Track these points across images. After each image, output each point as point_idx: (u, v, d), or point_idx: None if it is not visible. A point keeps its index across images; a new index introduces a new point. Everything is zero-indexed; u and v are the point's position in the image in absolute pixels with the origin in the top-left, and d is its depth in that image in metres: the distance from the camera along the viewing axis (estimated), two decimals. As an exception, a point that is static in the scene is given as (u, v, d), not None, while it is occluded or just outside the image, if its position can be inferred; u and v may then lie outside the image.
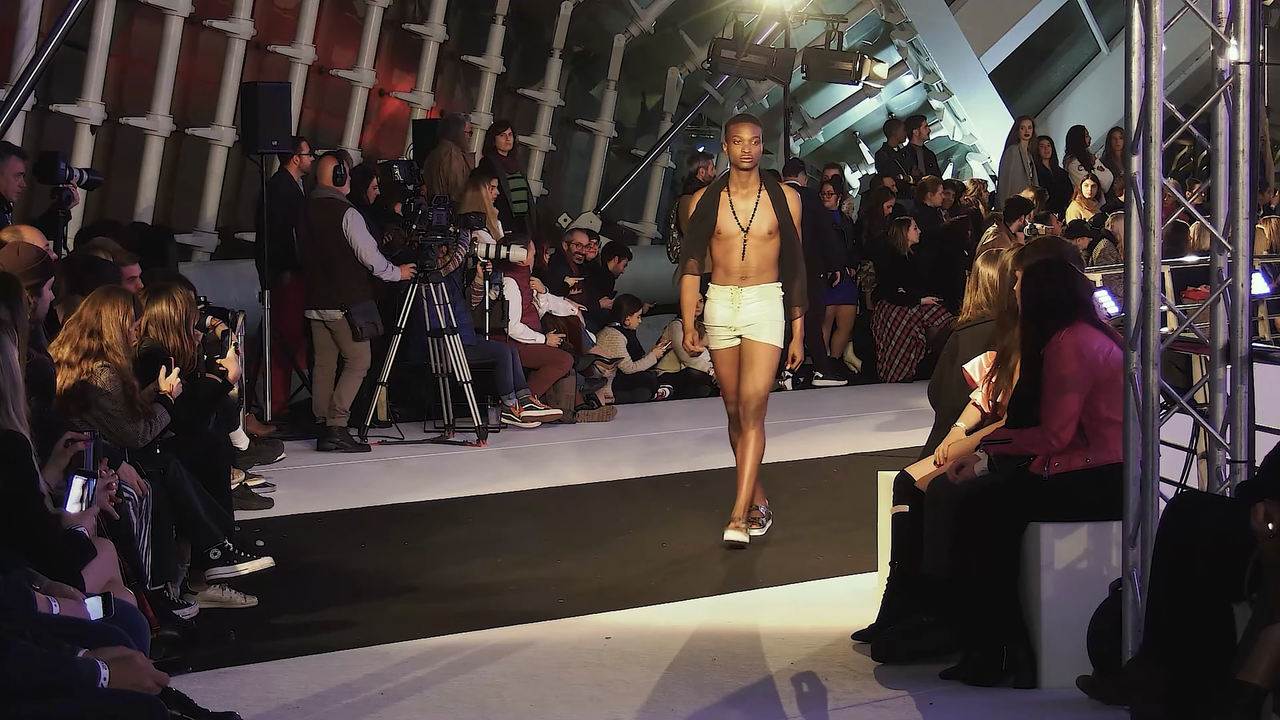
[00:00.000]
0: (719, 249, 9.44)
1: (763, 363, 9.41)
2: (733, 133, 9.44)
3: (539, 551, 9.42)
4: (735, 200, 9.39)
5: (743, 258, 9.38)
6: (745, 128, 9.41)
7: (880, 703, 6.64)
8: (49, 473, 6.20)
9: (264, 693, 6.77)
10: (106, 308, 7.98)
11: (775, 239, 9.39)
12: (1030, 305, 7.00)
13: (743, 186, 9.42)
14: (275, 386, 13.26)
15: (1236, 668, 5.63)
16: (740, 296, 9.40)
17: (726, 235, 9.39)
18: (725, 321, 9.44)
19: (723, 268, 9.46)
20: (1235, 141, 6.35)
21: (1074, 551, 6.78)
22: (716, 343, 9.53)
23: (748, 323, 9.40)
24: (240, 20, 15.87)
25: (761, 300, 9.42)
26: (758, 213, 9.36)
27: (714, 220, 9.39)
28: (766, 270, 9.43)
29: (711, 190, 9.58)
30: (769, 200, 9.40)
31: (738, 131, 9.41)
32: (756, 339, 9.40)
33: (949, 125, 23.31)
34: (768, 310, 9.43)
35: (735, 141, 9.38)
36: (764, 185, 9.47)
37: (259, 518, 9.97)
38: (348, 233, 12.56)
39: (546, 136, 19.98)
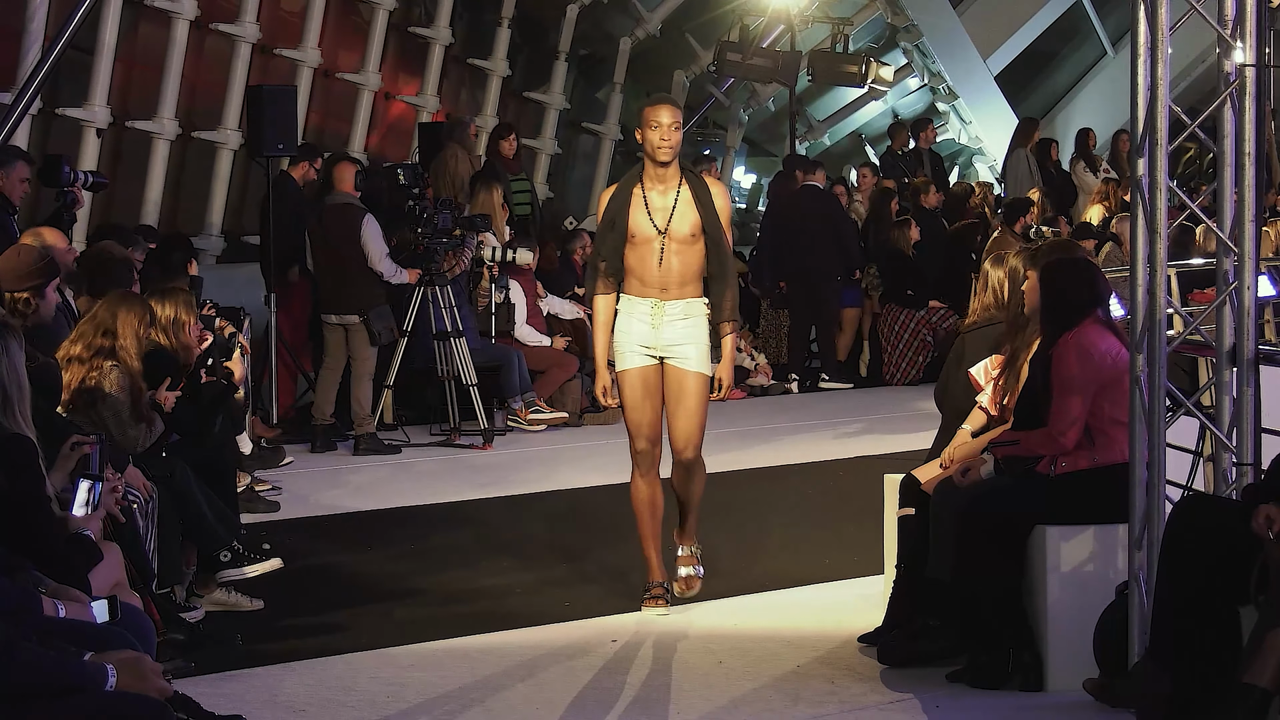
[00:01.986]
0: (633, 256, 8.06)
1: (696, 396, 8.11)
2: (648, 117, 8.03)
3: (545, 555, 9.42)
4: (651, 197, 8.04)
5: (660, 265, 8.03)
6: (663, 110, 8.04)
7: (886, 706, 6.64)
8: (55, 476, 6.21)
9: (270, 696, 6.78)
10: (123, 310, 8.03)
11: (699, 243, 8.03)
12: (1049, 300, 6.99)
13: (659, 181, 8.06)
14: (281, 389, 13.26)
15: (1242, 670, 5.62)
16: (663, 311, 8.06)
17: (642, 239, 8.03)
18: (643, 340, 8.10)
19: (638, 277, 8.09)
20: (1241, 144, 6.34)
21: (1080, 554, 6.78)
22: (627, 360, 8.14)
23: (672, 344, 8.08)
24: (246, 24, 15.87)
25: (688, 318, 8.09)
26: (677, 211, 8.00)
27: (625, 222, 8.04)
28: (691, 281, 8.09)
29: (622, 187, 8.16)
30: (691, 196, 8.03)
31: (654, 115, 8.02)
32: (685, 366, 8.08)
33: (954, 128, 23.32)
34: (695, 330, 8.10)
35: (651, 127, 8.00)
36: (684, 179, 8.08)
37: (265, 521, 9.97)
38: (364, 238, 12.57)
39: (552, 139, 19.99)
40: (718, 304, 8.16)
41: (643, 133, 8.07)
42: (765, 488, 11.14)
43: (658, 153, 8.00)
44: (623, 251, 8.09)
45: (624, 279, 8.14)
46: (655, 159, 8.02)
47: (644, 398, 8.14)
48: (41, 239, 8.89)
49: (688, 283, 8.09)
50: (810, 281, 16.25)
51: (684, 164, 8.18)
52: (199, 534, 8.09)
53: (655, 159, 8.02)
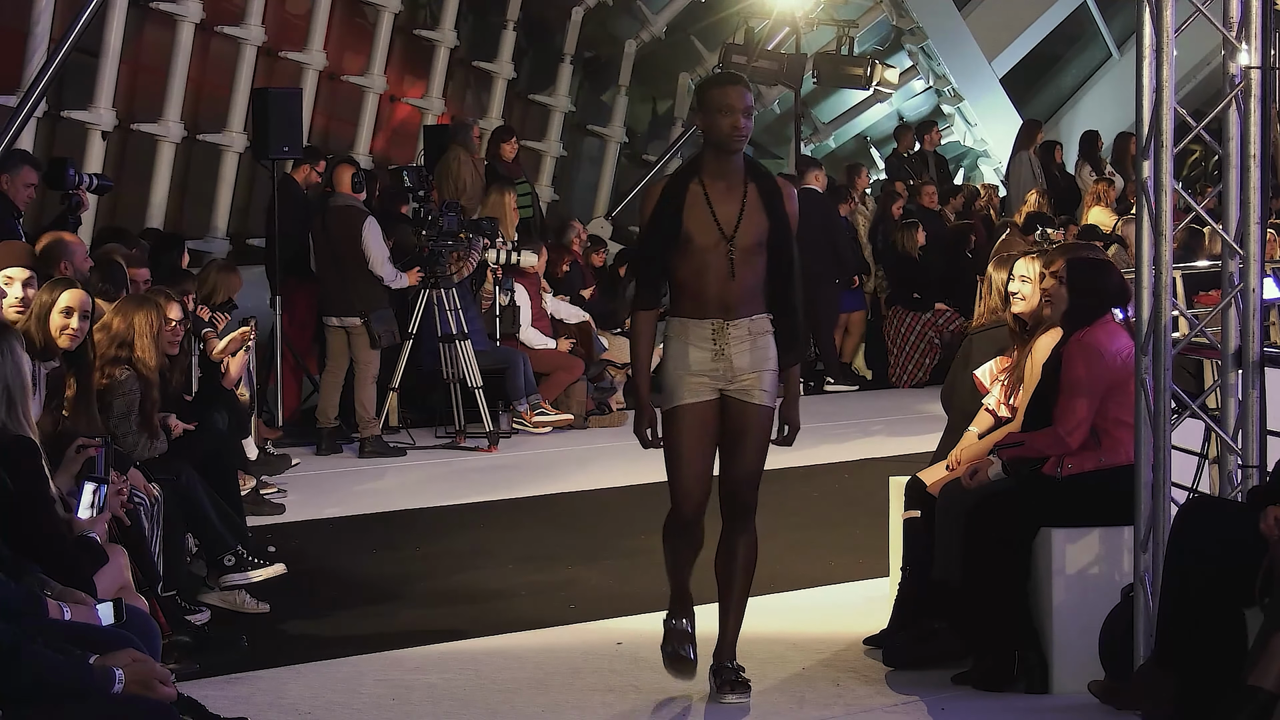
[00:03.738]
0: (689, 267, 6.57)
1: (758, 433, 6.71)
2: (716, 99, 6.53)
3: (550, 557, 9.42)
4: (714, 196, 6.56)
5: (732, 278, 6.55)
6: (735, 91, 6.56)
7: (892, 708, 6.64)
8: (60, 478, 6.21)
9: (275, 698, 6.78)
10: (139, 317, 8.04)
11: (764, 255, 6.61)
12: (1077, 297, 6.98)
13: (723, 177, 6.58)
14: (286, 392, 13.27)
15: (1247, 672, 5.62)
16: (726, 336, 6.58)
17: (702, 246, 6.52)
18: (702, 369, 6.61)
19: (695, 294, 6.60)
20: (1246, 146, 6.35)
21: (1085, 556, 6.78)
22: (680, 394, 6.63)
23: (739, 373, 6.62)
24: (251, 26, 15.88)
25: (755, 340, 6.64)
26: (746, 215, 6.55)
27: (680, 224, 6.55)
28: (755, 298, 6.63)
29: (676, 182, 6.63)
30: (759, 198, 6.59)
31: (724, 97, 6.52)
32: (747, 399, 6.65)
33: (960, 130, 23.30)
34: (764, 355, 6.65)
35: (721, 111, 6.50)
36: (750, 177, 6.64)
37: (270, 523, 9.98)
38: (365, 240, 12.57)
39: (557, 142, 19.99)
40: (786, 331, 6.71)
41: (706, 118, 6.57)
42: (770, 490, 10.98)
43: (729, 141, 6.52)
44: (675, 262, 6.61)
45: (673, 297, 6.71)
46: (726, 148, 6.55)
47: (699, 443, 6.68)
48: (63, 243, 8.91)
49: (753, 299, 6.64)
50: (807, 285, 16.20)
51: (750, 158, 6.79)
52: (204, 537, 8.10)
53: (726, 148, 6.55)
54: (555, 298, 14.80)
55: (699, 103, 6.67)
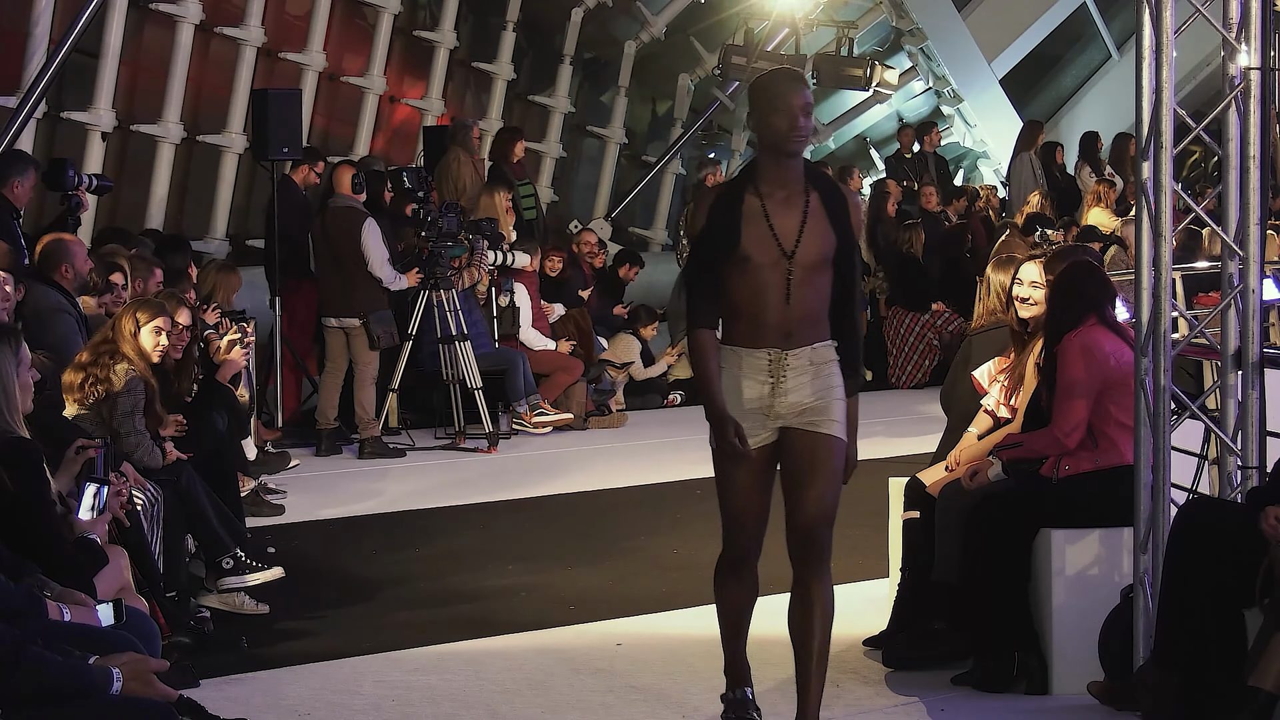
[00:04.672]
0: (745, 287, 5.91)
1: (830, 465, 5.98)
2: (773, 97, 5.88)
3: (550, 558, 9.42)
4: (772, 206, 5.89)
5: (787, 302, 5.89)
6: (794, 88, 5.91)
7: (891, 709, 6.64)
8: (60, 480, 6.22)
9: (274, 699, 6.78)
10: (133, 316, 8.09)
11: (828, 272, 5.92)
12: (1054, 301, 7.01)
13: (782, 185, 5.92)
14: (286, 393, 13.27)
15: (1247, 673, 5.63)
16: (784, 366, 5.95)
17: (759, 264, 5.86)
18: (758, 405, 5.99)
19: (750, 318, 5.95)
20: (1246, 147, 6.35)
21: (1085, 557, 6.78)
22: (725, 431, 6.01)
23: (800, 405, 5.97)
24: (251, 27, 15.87)
25: (817, 369, 5.98)
26: (808, 227, 5.87)
27: (736, 240, 5.87)
28: (818, 322, 5.97)
29: (730, 191, 5.97)
30: (822, 208, 5.91)
31: (782, 94, 5.87)
32: (816, 429, 5.96)
33: (960, 131, 23.30)
34: (829, 384, 5.99)
35: (778, 110, 5.85)
36: (811, 183, 5.97)
37: (270, 524, 9.98)
38: (364, 242, 12.57)
39: (557, 143, 19.99)
40: (848, 356, 6.08)
41: (760, 118, 5.92)
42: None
43: (787, 143, 5.87)
44: (728, 282, 5.94)
45: (726, 322, 6.05)
46: (784, 150, 5.89)
47: (754, 485, 6.08)
48: (64, 245, 8.92)
49: (815, 324, 5.98)
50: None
51: (810, 163, 6.11)
52: (204, 539, 8.10)
53: (784, 150, 5.89)
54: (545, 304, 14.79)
55: (752, 101, 6.01)
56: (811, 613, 6.09)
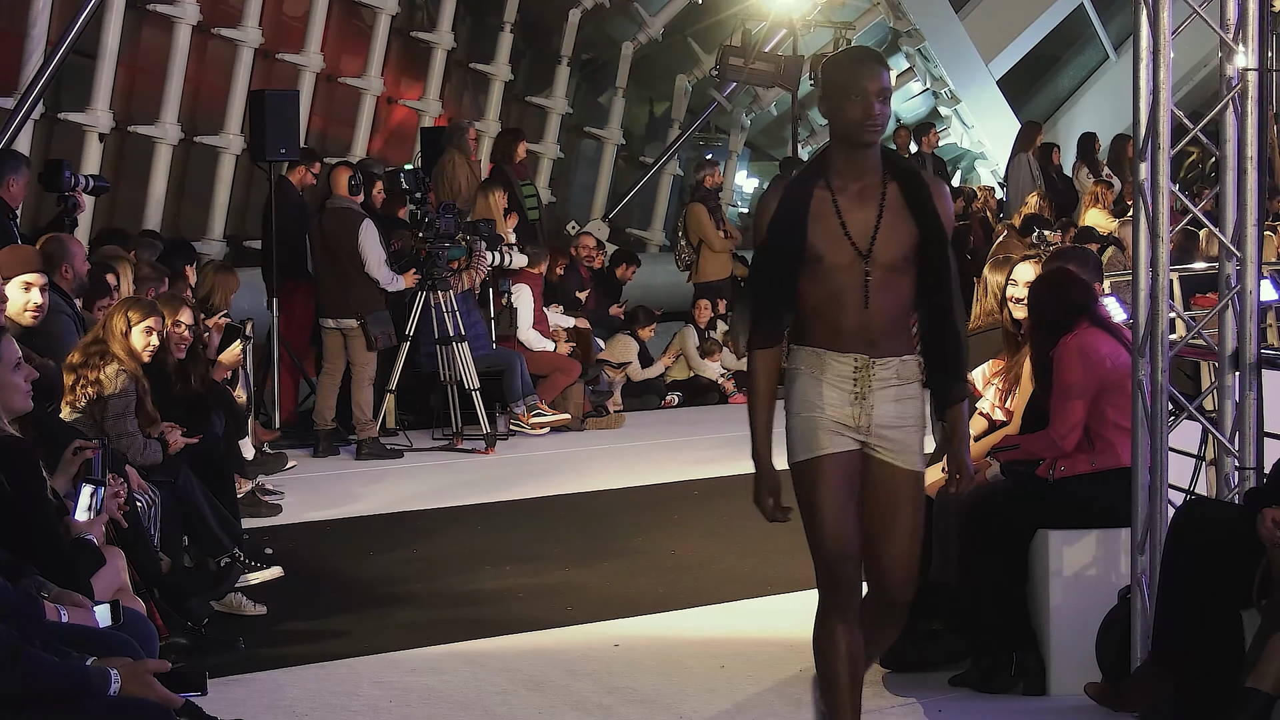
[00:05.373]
0: (818, 290, 5.35)
1: (913, 507, 5.46)
2: (848, 81, 5.31)
3: (547, 559, 9.41)
4: (844, 202, 5.34)
5: (866, 306, 5.32)
6: (871, 71, 5.32)
7: (889, 710, 6.64)
8: (57, 480, 6.22)
9: (272, 700, 6.78)
10: (123, 315, 8.09)
11: (911, 272, 5.36)
12: (1034, 315, 7.03)
13: (855, 177, 5.37)
14: (283, 394, 13.27)
15: (1245, 674, 5.63)
16: (871, 375, 5.35)
17: (833, 265, 5.32)
18: (842, 415, 5.37)
19: (829, 323, 5.37)
20: (1244, 148, 6.35)
21: (1083, 558, 6.78)
22: (819, 442, 5.37)
23: (883, 426, 5.38)
24: (248, 28, 15.89)
25: (901, 391, 5.40)
26: (885, 223, 5.33)
27: (804, 238, 5.32)
28: (903, 330, 5.43)
29: (797, 186, 5.40)
30: (901, 200, 5.37)
31: (857, 78, 5.30)
32: (896, 461, 5.40)
33: (957, 132, 23.33)
34: (912, 408, 5.44)
35: (852, 96, 5.28)
36: (889, 174, 5.40)
37: (267, 525, 9.98)
38: (361, 243, 12.57)
39: (555, 144, 20.00)
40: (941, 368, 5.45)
41: (832, 103, 5.35)
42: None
43: (862, 132, 5.31)
44: (799, 284, 5.38)
45: (800, 323, 5.46)
46: (858, 140, 5.33)
47: (848, 499, 5.39)
48: (64, 245, 8.92)
49: (900, 331, 5.42)
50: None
51: (888, 150, 5.51)
52: (201, 540, 8.10)
53: (858, 140, 5.33)
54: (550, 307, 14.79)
55: (822, 85, 5.44)
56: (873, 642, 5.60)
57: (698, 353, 15.70)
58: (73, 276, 8.97)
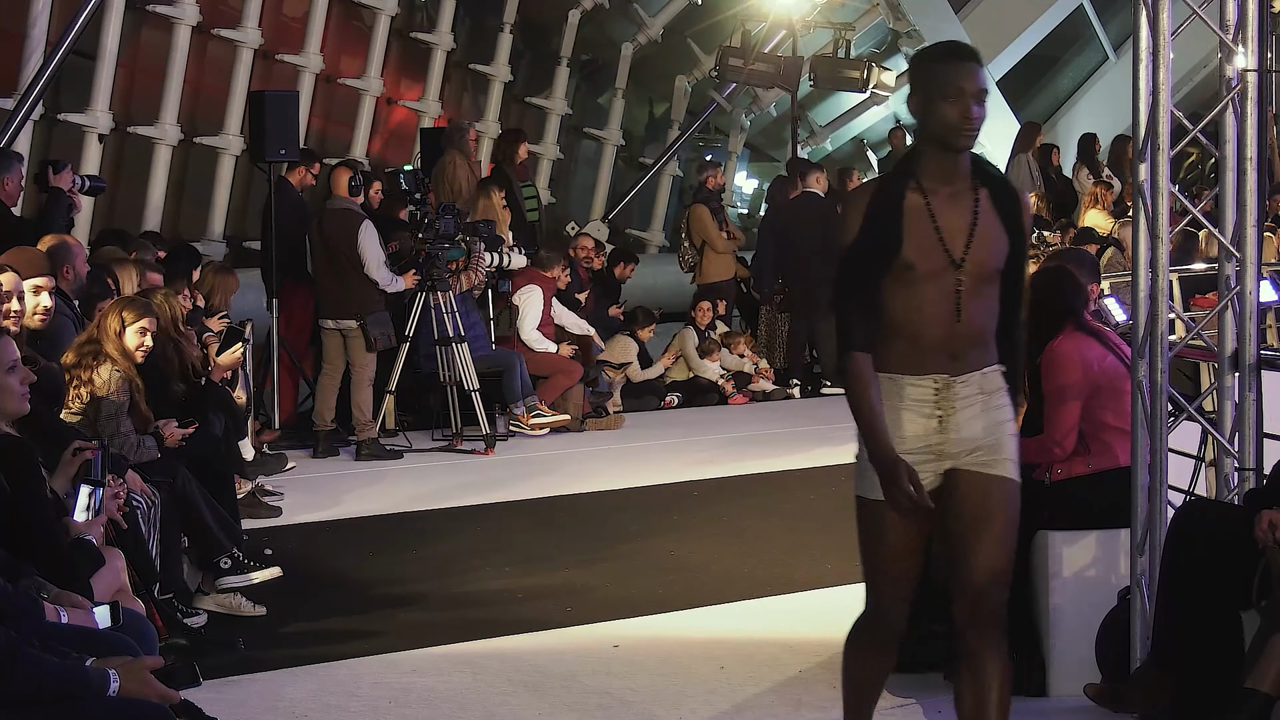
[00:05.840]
0: (903, 302, 5.06)
1: (1007, 514, 5.17)
2: (941, 78, 5.03)
3: (546, 560, 9.41)
4: (937, 206, 5.07)
5: (956, 318, 5.06)
6: (967, 70, 5.03)
7: (889, 710, 6.63)
8: (56, 481, 6.22)
9: (272, 701, 6.78)
10: (118, 315, 8.09)
11: (996, 282, 5.11)
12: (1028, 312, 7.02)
13: (947, 181, 5.10)
14: (283, 395, 13.27)
15: (1244, 675, 5.63)
16: (952, 397, 5.12)
17: (923, 274, 5.03)
18: (922, 443, 5.12)
19: (912, 338, 5.09)
20: (1243, 149, 6.34)
21: (1082, 559, 6.78)
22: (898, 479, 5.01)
23: (972, 443, 5.14)
24: (248, 29, 15.90)
25: (987, 402, 5.17)
26: (979, 232, 5.06)
27: (897, 245, 5.02)
28: (987, 342, 5.16)
29: (887, 189, 5.12)
30: (993, 208, 5.12)
31: (954, 76, 5.02)
32: (989, 470, 5.16)
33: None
34: (1001, 416, 5.18)
35: (949, 96, 5.00)
36: (981, 180, 5.15)
37: (267, 526, 9.98)
38: (360, 244, 12.56)
39: (554, 145, 20.01)
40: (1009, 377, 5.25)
41: (926, 103, 5.06)
42: (767, 493, 11.14)
43: (958, 136, 5.02)
44: (884, 296, 5.08)
45: (880, 345, 5.12)
46: (953, 144, 5.04)
47: (913, 539, 5.24)
48: (66, 246, 8.92)
49: (984, 344, 5.15)
50: (807, 288, 16.28)
51: (976, 155, 5.20)
52: (201, 540, 8.10)
53: (953, 144, 5.04)
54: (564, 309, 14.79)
55: (915, 83, 5.15)
56: (987, 694, 5.23)
57: (697, 353, 15.70)
58: (73, 278, 8.97)
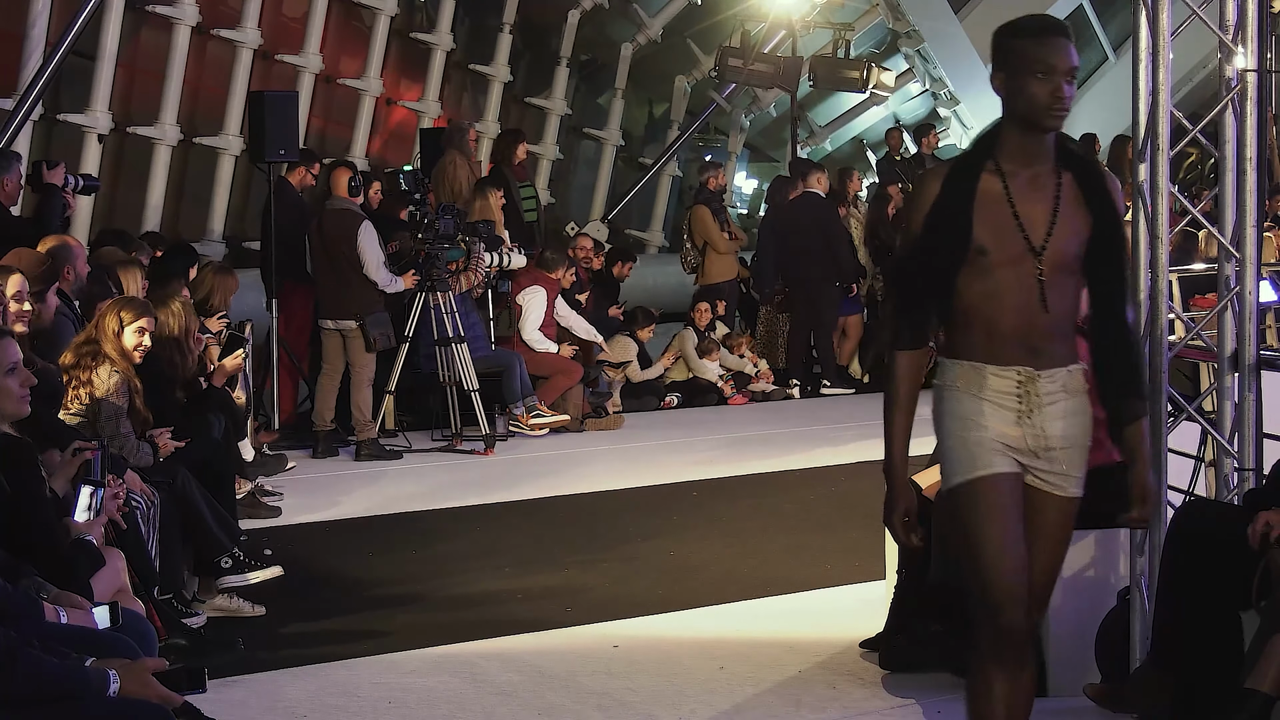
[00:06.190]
0: (978, 289, 4.79)
1: (1059, 534, 4.96)
2: (1029, 54, 4.73)
3: (546, 560, 9.41)
4: (1016, 190, 4.79)
5: (1041, 309, 4.77)
6: (1056, 45, 4.73)
7: (888, 711, 6.64)
8: (57, 481, 6.22)
9: (271, 701, 6.78)
10: (117, 316, 8.09)
11: (1080, 271, 4.82)
12: None
13: (1027, 164, 4.82)
14: (283, 395, 13.27)
15: (1244, 675, 5.63)
16: (1036, 391, 4.82)
17: (1000, 262, 4.76)
18: (1006, 436, 4.85)
19: (990, 329, 4.82)
20: (1243, 149, 6.35)
21: (1081, 559, 6.78)
22: (983, 461, 4.84)
23: (1050, 447, 4.87)
24: (248, 29, 15.90)
25: (1069, 405, 4.88)
26: (1061, 217, 4.79)
27: (969, 230, 4.76)
28: (1069, 337, 4.88)
29: (961, 171, 4.87)
30: (1076, 192, 4.83)
31: (1042, 52, 4.73)
32: (1052, 489, 4.90)
33: (957, 133, 23.32)
34: (1079, 425, 4.91)
35: (1036, 73, 4.72)
36: (1065, 163, 4.86)
37: (267, 526, 9.98)
38: (360, 244, 12.55)
39: (554, 145, 20.01)
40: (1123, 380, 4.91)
41: (1012, 80, 4.79)
42: (767, 493, 11.14)
43: (1046, 116, 4.75)
44: (957, 282, 4.81)
45: (954, 331, 4.91)
46: (1040, 124, 4.77)
47: (1017, 529, 4.84)
48: (67, 248, 8.92)
49: (1066, 337, 4.87)
50: (807, 288, 16.29)
51: (1061, 135, 4.87)
52: (200, 540, 8.10)
53: (1040, 124, 4.77)
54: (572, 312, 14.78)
55: (999, 58, 4.83)
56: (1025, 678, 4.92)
57: (696, 353, 15.70)
58: (74, 278, 8.97)
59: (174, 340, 8.84)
